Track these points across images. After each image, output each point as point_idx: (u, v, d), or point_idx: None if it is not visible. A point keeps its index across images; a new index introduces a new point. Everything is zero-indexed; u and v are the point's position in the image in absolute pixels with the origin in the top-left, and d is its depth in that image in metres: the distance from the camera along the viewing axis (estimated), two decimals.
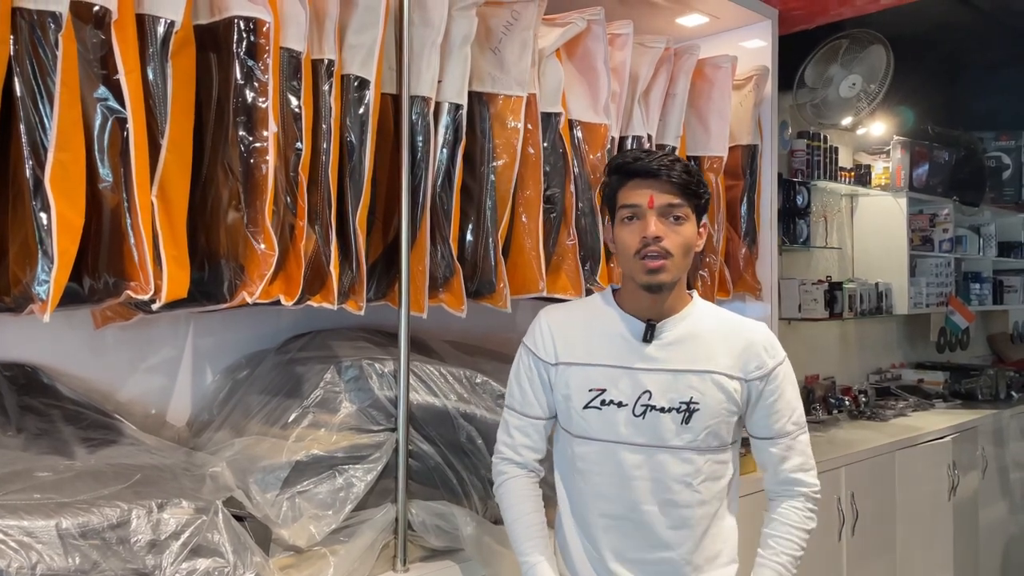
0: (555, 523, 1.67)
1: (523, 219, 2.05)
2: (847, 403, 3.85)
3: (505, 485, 1.65)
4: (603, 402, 1.55)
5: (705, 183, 1.56)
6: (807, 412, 3.70)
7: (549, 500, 1.69)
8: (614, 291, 1.64)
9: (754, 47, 2.78)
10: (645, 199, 1.49)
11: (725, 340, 1.57)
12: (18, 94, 1.30)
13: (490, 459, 1.72)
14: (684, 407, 1.52)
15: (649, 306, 1.56)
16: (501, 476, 1.66)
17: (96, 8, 1.37)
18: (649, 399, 1.53)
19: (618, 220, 1.54)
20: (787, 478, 1.60)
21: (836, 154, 3.88)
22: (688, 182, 1.50)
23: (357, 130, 1.72)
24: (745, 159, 2.70)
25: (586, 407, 1.56)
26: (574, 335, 1.61)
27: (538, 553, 1.58)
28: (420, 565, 1.79)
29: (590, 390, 1.56)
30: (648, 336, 1.55)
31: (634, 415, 1.53)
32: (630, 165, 1.52)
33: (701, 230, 1.56)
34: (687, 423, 1.52)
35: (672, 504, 1.53)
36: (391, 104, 1.82)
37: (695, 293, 1.63)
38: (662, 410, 1.53)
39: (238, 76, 1.54)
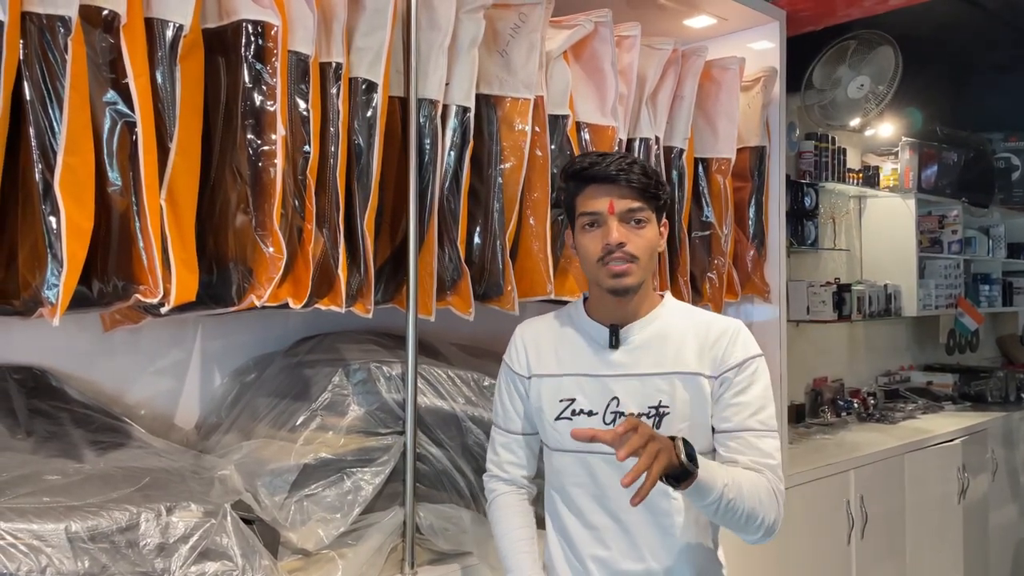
0: (545, 545, 1.64)
1: (531, 221, 2.04)
2: (856, 405, 3.84)
3: (494, 503, 1.64)
4: (574, 412, 1.53)
5: (664, 183, 1.53)
6: (815, 414, 3.73)
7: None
8: (585, 298, 1.62)
9: (762, 48, 2.77)
10: (605, 206, 1.46)
11: (695, 338, 1.52)
12: (28, 98, 1.30)
13: None
14: (654, 412, 1.49)
15: (615, 310, 1.53)
16: (491, 494, 1.65)
17: (105, 12, 1.37)
18: (618, 406, 1.50)
19: (579, 227, 1.51)
20: (748, 466, 1.45)
21: (844, 155, 3.87)
22: (647, 184, 1.47)
23: (365, 133, 1.72)
24: (753, 161, 2.69)
25: (558, 418, 1.54)
26: (545, 346, 1.60)
27: (526, 568, 1.56)
28: (428, 568, 1.79)
29: (561, 400, 1.55)
30: (614, 341, 1.53)
31: (604, 423, 1.50)
32: (586, 171, 1.48)
33: (662, 229, 1.53)
34: (657, 428, 1.48)
35: (651, 513, 1.50)
36: (399, 107, 1.82)
37: (667, 294, 1.60)
38: (632, 416, 1.49)
39: (246, 79, 1.54)
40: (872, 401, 3.91)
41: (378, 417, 1.78)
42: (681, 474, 1.30)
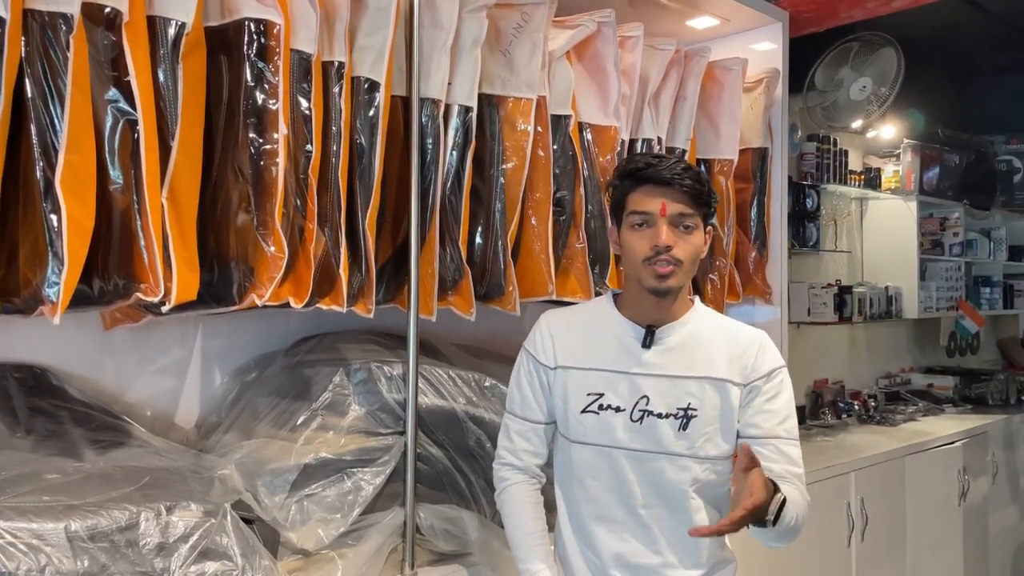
0: (555, 534, 1.65)
1: (532, 222, 2.04)
2: (856, 407, 3.83)
3: (506, 492, 1.64)
4: (601, 406, 1.54)
5: (713, 191, 1.56)
6: (816, 416, 3.72)
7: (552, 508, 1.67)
8: (615, 295, 1.63)
9: (764, 50, 2.77)
10: (657, 207, 1.48)
11: (725, 346, 1.55)
12: (29, 95, 1.30)
13: None
14: (682, 413, 1.51)
15: (651, 311, 1.55)
16: (503, 483, 1.65)
17: (107, 10, 1.37)
18: (647, 404, 1.52)
19: (627, 225, 1.52)
20: (775, 476, 1.47)
21: (846, 157, 3.87)
22: (700, 192, 1.49)
23: (367, 132, 1.72)
24: (755, 162, 2.69)
25: (584, 411, 1.55)
26: (574, 339, 1.60)
27: (539, 560, 1.56)
28: (428, 569, 1.79)
29: (588, 394, 1.55)
30: (648, 341, 1.54)
31: (631, 420, 1.52)
32: (642, 171, 1.50)
33: (707, 236, 1.55)
34: (684, 429, 1.51)
35: (670, 508, 1.52)
36: (401, 106, 1.82)
37: (697, 299, 1.62)
38: (660, 416, 1.51)
39: (248, 78, 1.54)
40: (873, 403, 3.91)
41: (379, 417, 1.78)
42: (765, 524, 1.36)
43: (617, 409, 1.53)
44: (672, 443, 1.51)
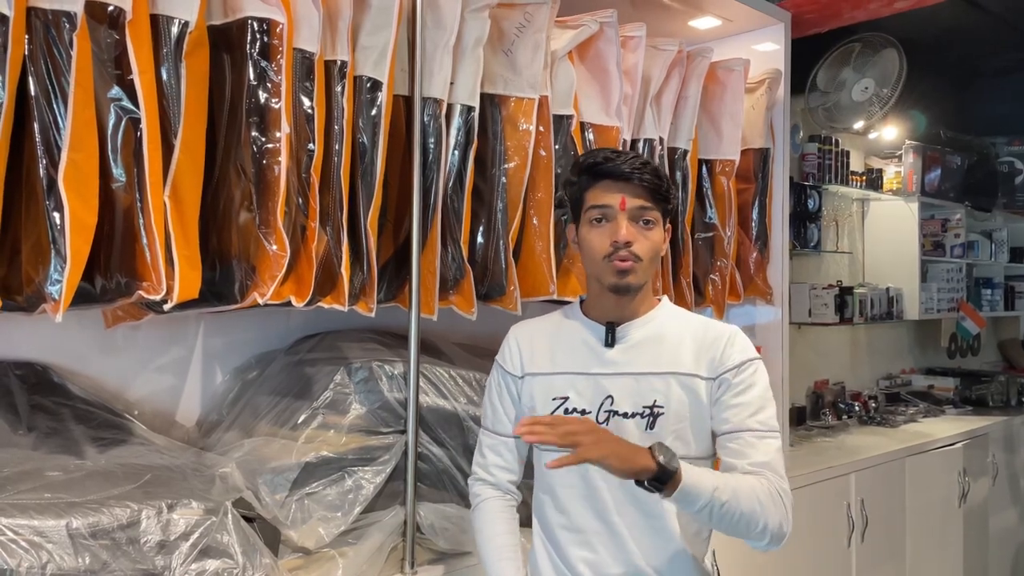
0: (529, 549, 1.61)
1: (534, 221, 2.04)
2: (857, 408, 3.83)
3: (478, 508, 1.61)
4: (566, 411, 1.50)
5: (672, 187, 1.52)
6: (816, 417, 3.73)
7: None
8: (581, 301, 1.60)
9: (767, 50, 2.77)
10: (616, 201, 1.45)
11: (692, 340, 1.50)
12: (32, 93, 1.30)
13: None
14: (648, 411, 1.46)
15: (613, 309, 1.51)
16: (475, 498, 1.62)
17: (110, 8, 1.37)
18: (611, 404, 1.48)
19: (585, 221, 1.49)
20: (747, 470, 1.41)
21: (847, 158, 3.87)
22: (659, 186, 1.46)
23: (369, 131, 1.72)
24: (757, 163, 2.69)
25: None
26: (540, 346, 1.58)
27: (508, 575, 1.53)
28: (428, 568, 1.79)
29: (553, 399, 1.52)
30: (610, 339, 1.51)
31: (598, 422, 1.47)
32: (601, 166, 1.47)
33: (666, 233, 1.52)
34: (652, 428, 1.45)
35: (641, 514, 1.47)
36: (403, 106, 1.82)
37: (664, 298, 1.58)
38: (625, 415, 1.47)
39: (251, 77, 1.54)
40: (873, 404, 3.91)
41: (380, 416, 1.78)
42: (662, 476, 1.28)
43: (583, 412, 1.49)
44: (640, 443, 1.40)
